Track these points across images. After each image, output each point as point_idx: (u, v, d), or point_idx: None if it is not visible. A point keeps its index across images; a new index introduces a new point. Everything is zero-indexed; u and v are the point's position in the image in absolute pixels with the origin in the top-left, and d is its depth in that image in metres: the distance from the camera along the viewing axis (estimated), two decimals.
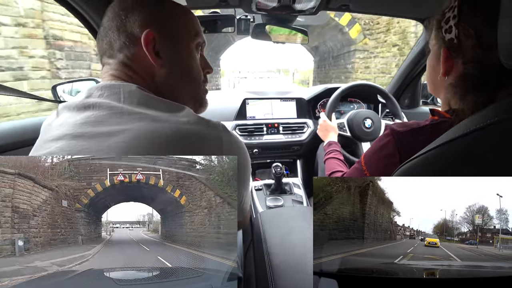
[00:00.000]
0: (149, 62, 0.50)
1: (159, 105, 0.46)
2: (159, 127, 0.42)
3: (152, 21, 0.50)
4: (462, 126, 0.38)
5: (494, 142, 0.35)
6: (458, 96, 0.50)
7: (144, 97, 0.46)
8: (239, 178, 0.52)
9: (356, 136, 1.30)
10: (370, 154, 0.64)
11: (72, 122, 0.44)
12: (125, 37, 0.50)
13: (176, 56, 0.53)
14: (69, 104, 0.48)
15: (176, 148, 0.43)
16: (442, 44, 0.52)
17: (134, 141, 0.41)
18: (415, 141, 0.52)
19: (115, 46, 0.50)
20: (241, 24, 1.23)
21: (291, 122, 1.55)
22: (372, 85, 1.39)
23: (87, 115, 0.44)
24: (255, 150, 1.47)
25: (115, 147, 0.41)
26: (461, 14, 0.47)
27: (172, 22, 0.53)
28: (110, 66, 0.51)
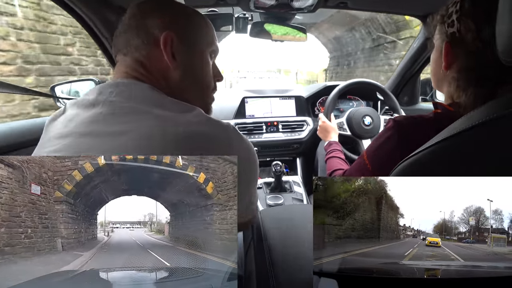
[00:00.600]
0: (164, 63, 0.51)
1: (170, 105, 0.46)
2: (169, 127, 0.42)
3: (172, 24, 0.51)
4: (462, 122, 0.38)
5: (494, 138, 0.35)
6: (460, 89, 0.51)
7: (155, 96, 0.47)
8: (249, 178, 0.53)
9: (356, 134, 1.29)
10: (373, 147, 0.63)
11: (80, 119, 0.44)
12: (143, 36, 0.50)
13: (191, 60, 0.54)
14: (78, 101, 0.48)
15: (185, 148, 0.43)
16: (444, 38, 0.53)
17: (143, 140, 0.41)
18: (419, 134, 0.52)
19: (132, 43, 0.51)
20: (239, 22, 1.23)
21: (290, 120, 1.55)
22: (370, 83, 1.39)
23: (96, 113, 0.44)
24: (254, 148, 1.47)
25: (124, 146, 0.41)
26: (463, 8, 0.48)
27: (190, 28, 0.54)
28: (125, 63, 0.52)
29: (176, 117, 0.44)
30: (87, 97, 0.47)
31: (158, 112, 0.43)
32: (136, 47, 0.51)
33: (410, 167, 0.41)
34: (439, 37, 0.55)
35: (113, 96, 0.45)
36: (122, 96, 0.46)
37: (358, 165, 0.69)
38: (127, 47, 0.51)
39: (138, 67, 0.51)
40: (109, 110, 0.44)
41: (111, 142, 0.41)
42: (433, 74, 0.61)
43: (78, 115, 0.45)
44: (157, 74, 0.52)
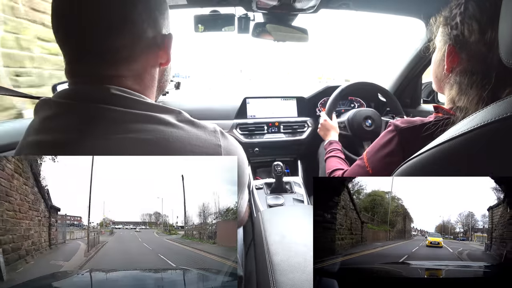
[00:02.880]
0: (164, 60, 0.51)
1: (156, 109, 0.44)
2: (164, 132, 0.42)
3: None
4: (463, 124, 0.38)
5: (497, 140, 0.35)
6: (462, 93, 0.50)
7: (135, 100, 0.44)
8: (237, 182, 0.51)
9: (356, 135, 1.29)
10: (373, 150, 0.63)
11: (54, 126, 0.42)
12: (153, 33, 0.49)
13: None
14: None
15: (173, 153, 0.42)
16: (447, 40, 0.52)
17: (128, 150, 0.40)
18: (419, 137, 0.52)
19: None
20: (242, 22, 1.23)
21: (291, 121, 1.55)
22: (372, 84, 1.39)
23: (79, 119, 0.41)
24: (255, 149, 1.47)
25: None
26: (467, 10, 0.48)
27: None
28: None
29: (167, 120, 0.44)
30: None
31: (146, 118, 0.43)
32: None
33: (411, 169, 0.41)
34: (442, 39, 0.55)
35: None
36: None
37: (358, 167, 0.69)
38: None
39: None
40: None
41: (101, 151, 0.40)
42: (435, 76, 0.61)
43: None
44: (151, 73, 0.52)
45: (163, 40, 0.49)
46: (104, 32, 0.42)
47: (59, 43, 0.45)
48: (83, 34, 0.42)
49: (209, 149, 0.45)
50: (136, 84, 0.47)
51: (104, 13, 0.42)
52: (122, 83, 0.45)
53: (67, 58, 0.45)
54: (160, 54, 0.50)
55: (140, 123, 0.41)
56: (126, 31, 0.43)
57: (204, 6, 1.20)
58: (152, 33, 0.47)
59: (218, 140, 0.47)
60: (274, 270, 0.67)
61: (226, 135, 0.49)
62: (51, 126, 0.42)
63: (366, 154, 0.66)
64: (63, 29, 0.43)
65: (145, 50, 0.47)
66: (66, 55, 0.45)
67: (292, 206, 1.23)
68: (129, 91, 0.44)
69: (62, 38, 0.44)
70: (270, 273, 0.67)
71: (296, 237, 0.79)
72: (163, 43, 0.49)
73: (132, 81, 0.46)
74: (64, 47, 0.45)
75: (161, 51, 0.50)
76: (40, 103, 0.46)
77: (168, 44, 0.50)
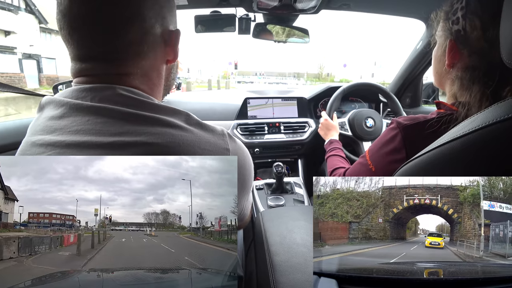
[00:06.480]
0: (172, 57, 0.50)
1: (164, 111, 0.43)
2: (174, 136, 0.41)
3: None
4: (466, 125, 0.38)
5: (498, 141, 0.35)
6: (464, 88, 0.50)
7: (144, 101, 0.43)
8: (242, 185, 0.51)
9: (357, 136, 1.29)
10: (376, 148, 0.63)
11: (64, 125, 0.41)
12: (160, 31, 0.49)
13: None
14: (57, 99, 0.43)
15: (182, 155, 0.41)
16: (448, 35, 0.52)
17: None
18: (422, 134, 0.52)
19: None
20: (242, 23, 1.23)
21: (292, 122, 1.55)
22: (373, 85, 1.39)
23: (85, 119, 0.40)
24: (256, 149, 1.47)
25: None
26: (469, 5, 0.47)
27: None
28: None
29: (175, 124, 0.43)
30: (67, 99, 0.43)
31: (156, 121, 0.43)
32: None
33: (413, 169, 0.41)
34: (443, 34, 0.54)
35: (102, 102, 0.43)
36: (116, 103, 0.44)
37: (360, 165, 0.68)
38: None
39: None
40: (99, 119, 0.41)
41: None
42: (435, 71, 0.60)
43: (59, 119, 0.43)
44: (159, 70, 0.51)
45: (171, 36, 0.48)
46: (112, 29, 0.41)
47: (64, 41, 0.44)
48: (89, 32, 0.41)
49: (217, 153, 0.45)
50: (143, 84, 0.46)
51: (112, 9, 0.41)
52: (130, 82, 0.44)
53: (72, 56, 0.44)
54: (167, 51, 0.49)
55: (149, 125, 0.40)
56: (135, 27, 0.42)
57: (205, 7, 1.20)
58: (159, 29, 0.46)
59: (227, 144, 0.46)
60: (275, 271, 0.67)
61: (234, 138, 0.49)
62: (57, 126, 0.41)
63: (369, 152, 0.65)
64: (69, 26, 0.42)
65: (152, 46, 0.46)
66: (72, 53, 0.44)
67: (292, 207, 1.23)
68: (136, 91, 0.44)
69: (67, 35, 0.43)
70: (270, 274, 0.67)
71: (296, 237, 0.79)
72: (170, 39, 0.48)
73: (139, 80, 0.46)
74: (69, 45, 0.43)
75: (168, 47, 0.49)
76: (44, 101, 0.45)
77: (176, 40, 0.49)
